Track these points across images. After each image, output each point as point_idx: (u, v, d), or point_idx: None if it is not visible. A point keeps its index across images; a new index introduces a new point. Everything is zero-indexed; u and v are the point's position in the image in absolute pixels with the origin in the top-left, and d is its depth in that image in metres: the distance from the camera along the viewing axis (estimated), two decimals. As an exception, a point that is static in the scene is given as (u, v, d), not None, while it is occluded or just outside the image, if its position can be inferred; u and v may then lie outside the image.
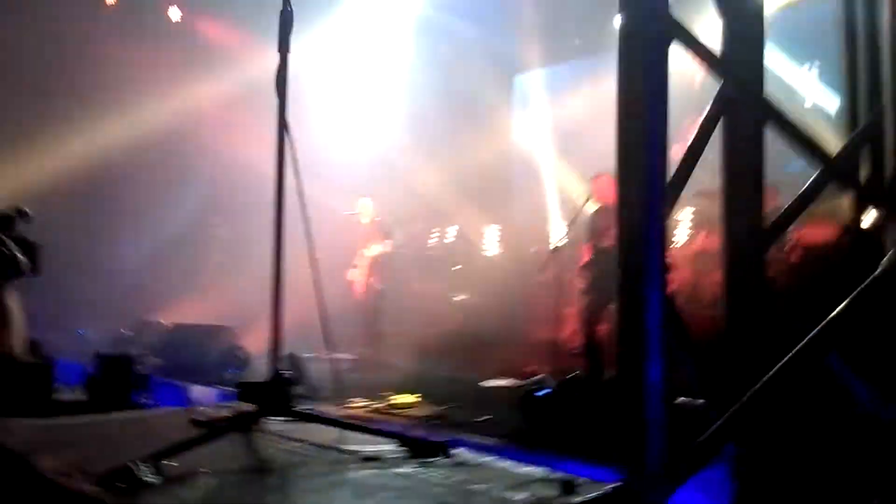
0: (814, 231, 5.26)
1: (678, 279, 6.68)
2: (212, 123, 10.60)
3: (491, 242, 12.00)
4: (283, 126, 3.21)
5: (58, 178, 8.94)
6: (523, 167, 11.97)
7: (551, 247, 6.76)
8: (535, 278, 7.42)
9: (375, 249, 8.14)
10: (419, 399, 5.00)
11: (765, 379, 1.75)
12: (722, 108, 1.97)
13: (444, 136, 12.15)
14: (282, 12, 3.24)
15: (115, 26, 9.92)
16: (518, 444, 3.55)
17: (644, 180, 1.90)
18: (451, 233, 12.27)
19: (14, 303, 2.28)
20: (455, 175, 12.01)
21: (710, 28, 2.27)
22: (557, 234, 10.31)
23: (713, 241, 6.88)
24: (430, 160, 11.91)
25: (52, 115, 8.97)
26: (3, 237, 2.33)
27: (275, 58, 3.22)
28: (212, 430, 2.97)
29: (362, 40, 10.42)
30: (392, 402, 4.89)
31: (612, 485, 2.41)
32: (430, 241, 11.95)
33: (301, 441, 2.96)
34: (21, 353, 2.16)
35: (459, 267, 11.21)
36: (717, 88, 1.99)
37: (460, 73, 11.34)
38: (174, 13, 10.74)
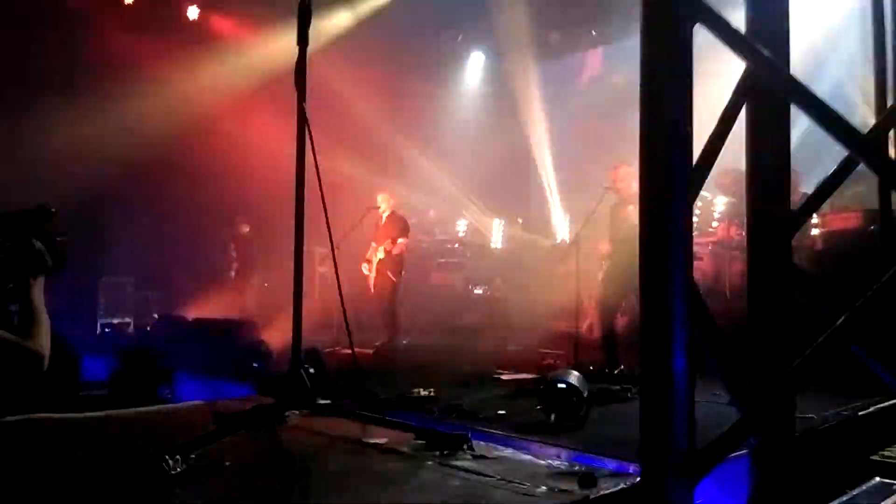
0: (839, 217, 5.18)
1: (699, 269, 6.62)
2: (233, 120, 10.67)
3: (499, 235, 12.02)
4: (302, 119, 3.22)
5: (81, 175, 9.06)
6: (537, 160, 11.99)
7: (570, 239, 6.72)
8: (553, 270, 7.38)
9: (389, 245, 8.13)
10: (437, 392, 5.00)
11: (789, 370, 1.72)
12: (746, 92, 1.93)
13: (460, 131, 12.16)
14: (300, 6, 3.24)
15: (133, 23, 10.00)
16: (537, 437, 3.54)
17: (668, 168, 1.86)
18: (462, 226, 12.30)
19: (40, 300, 2.30)
20: (471, 167, 12.02)
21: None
22: (570, 227, 10.31)
23: (734, 230, 6.82)
24: (445, 153, 11.92)
25: (74, 113, 9.06)
26: (29, 235, 2.35)
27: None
28: (234, 423, 3.00)
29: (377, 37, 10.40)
30: (411, 394, 4.89)
31: (634, 477, 2.40)
32: (445, 234, 11.97)
33: (321, 434, 2.97)
34: (47, 350, 2.19)
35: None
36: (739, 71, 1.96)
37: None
38: (192, 12, 10.80)
